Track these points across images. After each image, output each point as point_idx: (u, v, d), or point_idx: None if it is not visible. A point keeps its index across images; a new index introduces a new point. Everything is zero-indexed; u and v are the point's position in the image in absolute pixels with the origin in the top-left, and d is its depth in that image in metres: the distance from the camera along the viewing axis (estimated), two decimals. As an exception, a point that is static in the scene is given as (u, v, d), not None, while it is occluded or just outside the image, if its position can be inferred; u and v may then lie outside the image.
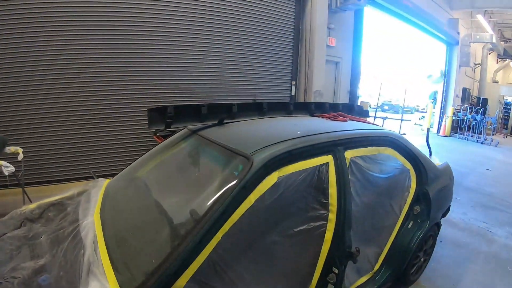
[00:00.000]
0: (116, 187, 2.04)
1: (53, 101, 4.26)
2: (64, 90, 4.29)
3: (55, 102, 4.27)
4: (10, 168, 2.96)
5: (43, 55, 4.14)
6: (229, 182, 1.44)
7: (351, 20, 7.15)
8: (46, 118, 4.26)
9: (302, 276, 1.74)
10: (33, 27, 4.05)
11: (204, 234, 1.32)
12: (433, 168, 2.63)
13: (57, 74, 4.22)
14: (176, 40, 4.89)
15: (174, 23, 4.85)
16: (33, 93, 4.16)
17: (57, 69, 4.21)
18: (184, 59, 5.01)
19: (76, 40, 4.26)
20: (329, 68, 6.78)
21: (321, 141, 1.74)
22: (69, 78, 4.29)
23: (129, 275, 1.35)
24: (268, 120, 2.38)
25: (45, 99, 4.22)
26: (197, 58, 5.11)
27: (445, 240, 3.49)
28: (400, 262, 2.36)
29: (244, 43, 5.54)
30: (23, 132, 4.16)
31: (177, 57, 4.95)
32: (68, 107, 4.35)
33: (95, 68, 4.41)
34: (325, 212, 1.68)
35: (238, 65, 5.53)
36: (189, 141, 2.08)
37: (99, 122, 4.54)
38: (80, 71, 4.33)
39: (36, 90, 4.16)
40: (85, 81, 4.38)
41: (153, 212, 1.66)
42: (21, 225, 1.89)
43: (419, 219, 2.46)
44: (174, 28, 4.85)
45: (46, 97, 4.21)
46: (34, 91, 4.16)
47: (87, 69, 4.37)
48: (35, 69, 4.13)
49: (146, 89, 4.77)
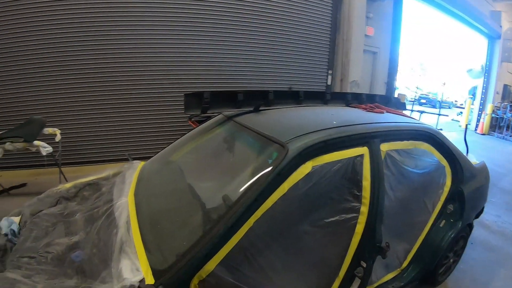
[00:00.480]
0: (150, 170, 2.08)
1: (91, 85, 4.41)
2: (102, 75, 4.43)
3: (93, 86, 4.43)
4: (48, 148, 3.09)
5: (83, 41, 4.28)
6: (263, 169, 1.44)
7: (390, 9, 6.92)
8: (84, 101, 4.43)
9: (330, 267, 1.72)
10: (75, 13, 4.19)
11: (236, 220, 1.32)
12: (470, 166, 2.52)
13: (95, 59, 4.37)
14: (214, 28, 4.93)
15: (214, 10, 4.88)
16: (72, 77, 4.33)
17: (96, 54, 4.36)
18: (222, 46, 5.05)
19: (115, 26, 4.37)
20: (366, 58, 6.62)
21: (357, 132, 1.70)
22: (107, 63, 4.42)
23: (160, 256, 1.37)
24: (304, 108, 2.34)
25: (84, 83, 4.38)
26: (233, 45, 5.14)
27: (476, 242, 3.36)
28: (429, 261, 2.29)
29: (281, 31, 5.50)
30: (61, 115, 4.34)
31: (215, 44, 4.99)
32: (106, 91, 4.50)
33: (134, 54, 4.53)
34: (357, 205, 1.64)
35: (274, 53, 5.51)
36: (224, 127, 2.09)
37: (136, 106, 4.67)
38: (118, 56, 4.46)
39: (75, 74, 4.33)
40: (123, 66, 4.50)
41: (186, 196, 1.69)
42: (57, 203, 1.97)
43: (451, 219, 2.37)
44: (214, 16, 4.88)
45: (84, 81, 4.37)
46: (73, 76, 4.33)
47: (125, 55, 4.49)
48: (75, 54, 4.29)
49: (183, 74, 4.84)
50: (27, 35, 4.13)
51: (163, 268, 1.29)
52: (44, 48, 4.17)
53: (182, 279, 1.24)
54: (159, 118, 4.82)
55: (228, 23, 5.01)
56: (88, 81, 4.38)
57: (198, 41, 4.84)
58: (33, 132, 3.22)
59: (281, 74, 5.67)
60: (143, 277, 1.23)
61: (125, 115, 4.63)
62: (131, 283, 1.19)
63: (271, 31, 5.41)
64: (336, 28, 6.12)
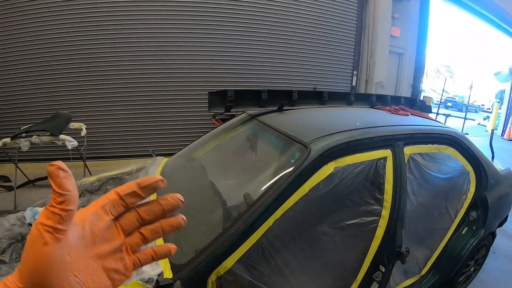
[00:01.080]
0: (173, 166, 2.11)
1: (117, 81, 4.52)
2: (128, 72, 4.53)
3: (119, 83, 4.53)
4: (73, 142, 3.18)
5: (111, 38, 4.38)
6: (285, 169, 1.44)
7: (416, 9, 6.78)
8: (110, 97, 4.54)
9: (348, 270, 1.70)
10: (104, 10, 4.29)
11: (256, 219, 1.33)
12: (495, 173, 2.44)
13: (122, 57, 4.46)
14: (241, 28, 4.96)
15: (241, 11, 4.92)
16: (98, 74, 4.44)
17: (123, 51, 4.45)
18: (247, 45, 5.08)
19: (142, 23, 4.45)
20: (392, 60, 6.53)
21: (381, 134, 1.67)
22: (133, 61, 4.51)
23: (180, 251, 1.38)
24: (328, 109, 2.34)
25: (110, 80, 4.49)
26: (259, 45, 5.16)
27: (498, 251, 3.25)
28: (449, 269, 2.24)
29: (307, 31, 5.49)
30: (87, 110, 4.46)
31: (241, 44, 5.02)
32: (131, 88, 4.59)
33: (162, 52, 4.60)
34: (378, 208, 1.62)
35: (300, 53, 5.50)
36: (247, 125, 2.10)
37: (161, 103, 4.75)
38: (145, 54, 4.54)
39: (102, 72, 4.44)
40: (150, 63, 4.58)
41: (208, 193, 1.70)
42: (81, 195, 2.01)
43: (474, 226, 2.30)
44: (241, 17, 4.92)
45: (110, 78, 4.48)
46: (99, 73, 4.43)
47: (153, 52, 4.57)
48: (103, 51, 4.40)
49: (208, 72, 4.89)
50: (55, 31, 4.26)
51: (182, 263, 1.30)
52: (73, 45, 4.30)
53: (200, 274, 1.25)
54: (184, 115, 4.89)
55: (254, 23, 5.04)
56: (115, 78, 4.49)
57: (224, 40, 4.89)
58: (59, 126, 3.31)
59: (306, 74, 5.66)
60: (162, 271, 1.25)
61: (150, 111, 4.72)
62: (149, 276, 1.21)
63: (297, 32, 5.40)
64: (361, 28, 6.05)
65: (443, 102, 17.34)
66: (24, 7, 4.15)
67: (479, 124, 13.75)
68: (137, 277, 1.22)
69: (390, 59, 6.34)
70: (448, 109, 18.45)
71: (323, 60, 5.76)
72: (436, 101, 11.51)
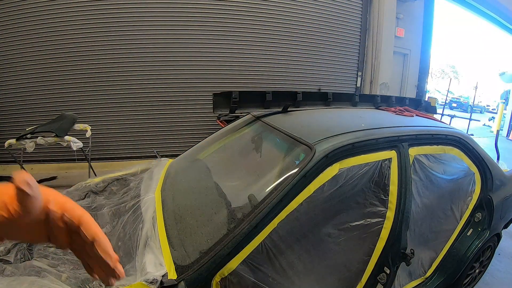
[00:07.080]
0: (178, 167, 2.11)
1: (122, 83, 4.54)
2: (133, 73, 4.55)
3: (124, 85, 4.56)
4: (78, 143, 3.19)
5: (115, 41, 4.40)
6: (290, 170, 1.44)
7: (421, 10, 6.76)
8: (115, 99, 4.56)
9: (353, 272, 1.70)
10: (108, 13, 4.32)
11: (261, 220, 1.33)
12: (500, 174, 2.43)
13: (126, 58, 4.49)
14: (245, 28, 4.97)
15: (245, 10, 4.93)
16: (103, 76, 4.46)
17: (127, 54, 4.47)
18: (252, 47, 5.08)
19: (145, 27, 4.47)
20: (396, 60, 6.52)
21: (386, 135, 1.67)
22: (137, 62, 4.54)
23: (184, 252, 1.39)
24: (332, 110, 2.33)
25: (114, 82, 4.51)
26: (264, 46, 5.16)
27: (504, 253, 3.22)
28: (454, 271, 2.22)
29: (312, 32, 5.49)
30: (92, 111, 4.48)
31: (245, 45, 5.03)
32: (136, 90, 4.61)
33: (166, 53, 4.62)
34: (383, 209, 1.62)
35: (303, 53, 5.50)
36: (252, 126, 2.10)
37: (166, 104, 4.77)
38: (150, 56, 4.56)
39: (107, 73, 4.46)
40: (154, 65, 4.60)
41: (212, 194, 1.70)
42: (86, 196, 2.02)
43: (479, 227, 2.28)
44: (245, 17, 4.93)
45: (115, 79, 4.50)
46: (104, 74, 4.46)
47: (157, 54, 4.59)
48: (107, 53, 4.42)
49: (212, 74, 4.90)
50: (61, 33, 4.29)
51: (186, 264, 1.31)
52: (78, 46, 4.32)
53: (204, 275, 1.26)
54: (188, 116, 4.91)
55: (258, 23, 5.05)
56: (119, 79, 4.51)
57: (228, 41, 4.90)
58: (64, 127, 3.32)
59: (311, 75, 5.66)
60: (166, 272, 1.25)
61: (154, 113, 4.74)
62: (154, 277, 1.21)
63: (301, 33, 5.40)
64: (366, 29, 6.05)
65: (448, 102, 17.28)
66: (31, 9, 4.19)
67: (484, 125, 13.68)
68: (141, 278, 1.22)
69: (395, 59, 6.33)
70: (453, 110, 18.34)
71: (328, 61, 5.76)
72: (441, 102, 11.44)
